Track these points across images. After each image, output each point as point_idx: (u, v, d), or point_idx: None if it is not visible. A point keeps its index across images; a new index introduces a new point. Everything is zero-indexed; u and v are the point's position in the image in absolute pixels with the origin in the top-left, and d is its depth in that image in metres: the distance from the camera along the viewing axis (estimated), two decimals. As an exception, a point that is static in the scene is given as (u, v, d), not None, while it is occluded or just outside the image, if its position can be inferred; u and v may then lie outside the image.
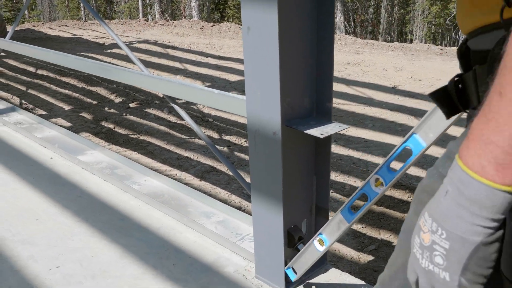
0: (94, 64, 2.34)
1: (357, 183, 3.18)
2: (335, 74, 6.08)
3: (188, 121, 1.88)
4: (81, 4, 28.53)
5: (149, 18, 24.39)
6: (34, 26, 12.15)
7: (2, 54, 6.27)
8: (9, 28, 10.51)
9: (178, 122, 4.45)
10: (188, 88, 1.72)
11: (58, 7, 34.64)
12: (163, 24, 11.77)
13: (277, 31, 1.12)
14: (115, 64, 6.89)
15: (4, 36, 8.23)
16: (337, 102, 4.99)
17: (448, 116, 0.65)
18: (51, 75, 6.35)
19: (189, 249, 1.75)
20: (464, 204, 0.45)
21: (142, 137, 4.05)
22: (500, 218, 0.45)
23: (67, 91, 5.60)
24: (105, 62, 7.30)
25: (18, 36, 9.65)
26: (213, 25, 11.52)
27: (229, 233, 1.82)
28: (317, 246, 1.27)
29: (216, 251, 1.73)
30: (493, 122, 0.42)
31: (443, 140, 1.95)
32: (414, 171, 3.35)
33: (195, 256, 1.70)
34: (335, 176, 3.30)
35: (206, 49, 8.73)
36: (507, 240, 0.50)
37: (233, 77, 6.34)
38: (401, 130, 4.24)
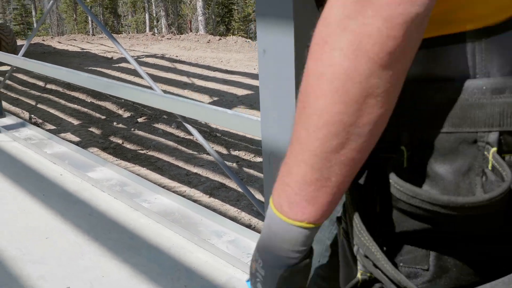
0: (108, 83, 2.35)
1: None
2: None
3: (199, 138, 1.88)
4: (89, 18, 28.89)
5: (156, 31, 24.65)
6: (43, 40, 12.30)
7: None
8: (20, 42, 10.65)
9: (187, 137, 4.45)
10: (201, 108, 1.72)
11: (66, 21, 35.12)
12: (170, 38, 11.87)
13: (293, 53, 1.12)
14: (123, 79, 6.94)
15: (14, 50, 8.34)
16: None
17: None
18: (60, 89, 6.40)
19: (200, 269, 1.73)
20: (272, 237, 0.50)
21: (151, 153, 4.05)
22: (302, 250, 0.50)
23: (76, 105, 5.64)
24: (113, 76, 7.36)
25: (28, 51, 9.69)
26: (220, 39, 11.61)
27: (240, 252, 1.80)
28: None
29: (228, 271, 1.71)
30: (286, 166, 0.47)
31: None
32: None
33: (207, 277, 1.68)
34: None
35: (213, 63, 8.78)
36: (341, 253, 0.58)
37: (240, 91, 6.36)
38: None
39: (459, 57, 0.46)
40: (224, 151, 4.11)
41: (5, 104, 5.18)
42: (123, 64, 8.38)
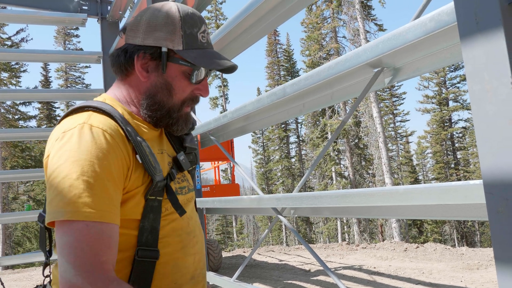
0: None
1: None
2: None
3: None
4: (283, 225, 31.11)
5: (347, 237, 24.85)
6: (244, 252, 13.30)
7: None
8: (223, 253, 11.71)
9: None
10: None
11: (261, 229, 38.34)
12: (365, 247, 11.66)
13: None
14: None
15: (219, 264, 9.05)
16: None
17: None
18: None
19: None
20: None
21: None
22: None
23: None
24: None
25: (231, 263, 10.55)
26: (417, 247, 10.92)
27: None
28: None
29: None
30: None
31: None
32: None
33: None
34: None
35: (414, 274, 8.08)
36: None
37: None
38: None
39: None
40: None
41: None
42: (321, 277, 8.30)
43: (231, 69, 1.20)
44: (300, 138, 35.26)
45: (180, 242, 1.14)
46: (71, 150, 0.97)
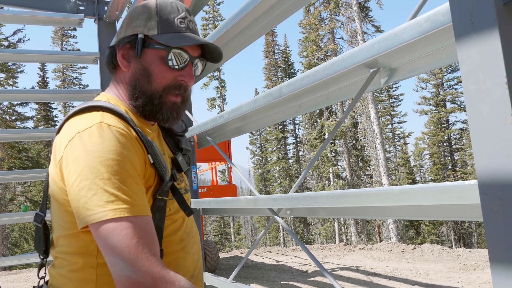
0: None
1: None
2: None
3: None
4: (281, 227, 31.11)
5: (345, 238, 24.86)
6: (241, 253, 13.30)
7: None
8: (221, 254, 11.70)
9: None
10: None
11: (258, 230, 38.35)
12: (362, 248, 11.67)
13: None
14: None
15: (216, 265, 9.04)
16: None
17: None
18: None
19: None
20: None
21: None
22: None
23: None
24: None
25: (228, 264, 10.55)
26: (414, 248, 10.93)
27: None
28: None
29: None
30: None
31: None
32: None
33: None
34: None
35: (411, 275, 8.09)
36: None
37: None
38: None
39: None
40: None
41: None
42: (318, 278, 8.31)
43: (218, 56, 1.20)
44: (298, 139, 35.29)
45: (181, 242, 1.16)
46: (95, 150, 0.97)
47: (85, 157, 0.96)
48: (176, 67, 1.14)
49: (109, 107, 1.07)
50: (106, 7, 5.03)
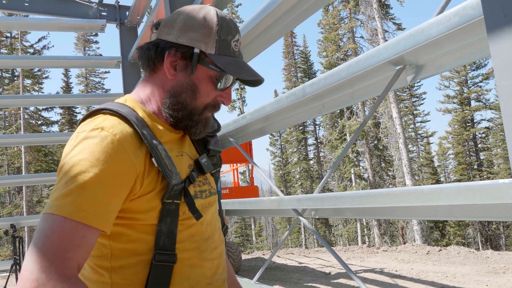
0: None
1: None
2: None
3: None
4: (302, 228, 30.93)
5: (367, 240, 24.57)
6: (263, 254, 13.28)
7: None
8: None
9: None
10: None
11: (280, 231, 38.22)
12: (386, 250, 11.51)
13: None
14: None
15: (239, 266, 9.04)
16: None
17: None
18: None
19: None
20: None
21: None
22: None
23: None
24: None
25: (250, 265, 10.54)
26: (440, 250, 10.73)
27: None
28: None
29: None
30: None
31: None
32: None
33: None
34: None
35: (437, 278, 7.93)
36: None
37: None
38: None
39: None
40: None
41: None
42: (341, 280, 8.23)
43: (257, 82, 1.20)
44: (318, 140, 35.09)
45: (197, 248, 1.13)
46: (77, 150, 1.00)
47: (66, 156, 1.01)
48: (221, 88, 1.16)
49: (115, 110, 1.07)
50: (127, 12, 5.10)
